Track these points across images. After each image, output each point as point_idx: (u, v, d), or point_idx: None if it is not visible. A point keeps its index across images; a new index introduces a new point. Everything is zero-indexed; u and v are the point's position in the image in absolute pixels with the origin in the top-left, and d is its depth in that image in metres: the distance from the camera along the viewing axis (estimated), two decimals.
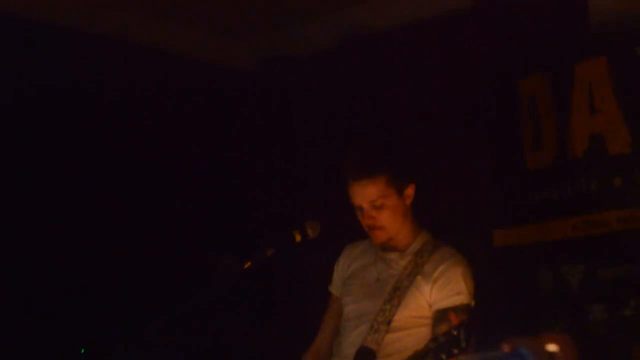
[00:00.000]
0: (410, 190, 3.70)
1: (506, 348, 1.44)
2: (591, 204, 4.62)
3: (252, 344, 5.24)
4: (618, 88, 4.57)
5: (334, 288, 3.96)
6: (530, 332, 4.68)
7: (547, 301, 4.79)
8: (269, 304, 5.42)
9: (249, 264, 3.40)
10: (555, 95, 4.81)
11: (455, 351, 2.64)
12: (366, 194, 3.61)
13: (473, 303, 3.58)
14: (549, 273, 4.79)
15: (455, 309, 3.53)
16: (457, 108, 5.17)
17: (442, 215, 5.04)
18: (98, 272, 5.24)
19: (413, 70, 5.41)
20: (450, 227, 4.93)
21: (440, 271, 3.62)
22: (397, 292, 3.64)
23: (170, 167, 5.58)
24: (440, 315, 3.56)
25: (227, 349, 5.27)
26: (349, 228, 3.81)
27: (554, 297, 4.77)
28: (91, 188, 5.32)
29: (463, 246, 4.82)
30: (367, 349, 3.61)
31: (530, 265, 4.87)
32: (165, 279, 5.15)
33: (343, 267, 3.93)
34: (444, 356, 2.74)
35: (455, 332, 2.98)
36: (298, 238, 3.57)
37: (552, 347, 1.44)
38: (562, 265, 4.73)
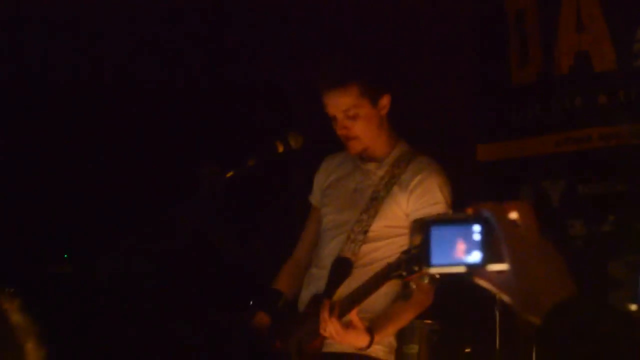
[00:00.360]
0: (385, 101, 3.66)
1: (470, 211, 1.47)
2: (574, 121, 4.64)
3: (236, 254, 5.29)
4: (606, 6, 4.54)
5: (314, 198, 3.97)
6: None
7: None
8: (252, 213, 5.46)
9: (231, 173, 3.41)
10: (542, 11, 4.79)
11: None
12: (339, 103, 3.59)
13: (451, 212, 3.60)
14: (531, 187, 4.83)
15: None
16: (444, 22, 5.15)
17: (426, 128, 5.06)
18: (85, 182, 5.27)
19: None
20: (435, 140, 4.97)
21: (417, 181, 3.62)
22: (374, 202, 3.65)
23: (152, 81, 5.55)
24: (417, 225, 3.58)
25: (211, 258, 5.33)
26: (334, 139, 3.82)
27: (535, 211, 4.81)
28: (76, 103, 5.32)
29: (447, 159, 4.86)
30: (344, 259, 3.64)
31: (513, 180, 4.91)
32: (151, 188, 5.17)
33: (322, 178, 3.94)
34: (416, 268, 2.77)
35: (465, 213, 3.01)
36: (280, 148, 3.57)
37: (513, 215, 1.47)
38: (543, 180, 4.77)
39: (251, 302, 3.94)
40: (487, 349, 3.91)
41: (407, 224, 3.61)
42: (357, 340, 3.45)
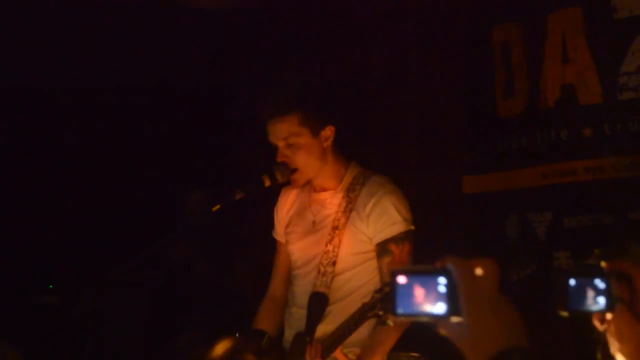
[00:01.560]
0: (327, 132, 3.64)
1: (438, 264, 1.53)
2: (560, 153, 4.65)
3: (217, 287, 5.28)
4: (591, 38, 4.57)
5: (277, 234, 3.96)
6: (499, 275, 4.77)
7: (514, 247, 4.84)
8: (234, 247, 5.45)
9: (217, 206, 3.40)
10: (528, 44, 4.81)
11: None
12: (278, 131, 3.58)
13: (412, 227, 3.60)
14: (517, 220, 4.83)
15: (394, 239, 3.56)
16: (430, 54, 5.17)
17: (412, 160, 5.07)
18: (72, 212, 5.26)
19: (387, 14, 5.39)
20: (421, 172, 4.98)
21: (372, 205, 3.60)
22: (336, 231, 3.64)
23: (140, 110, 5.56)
24: (381, 248, 3.58)
25: (193, 290, 5.31)
26: None
27: (521, 243, 4.82)
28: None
29: (433, 191, 4.88)
30: (318, 294, 3.63)
31: (499, 212, 4.91)
32: (137, 219, 5.16)
33: (282, 214, 3.93)
34: (390, 306, 2.76)
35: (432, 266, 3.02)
36: (267, 183, 3.56)
37: (478, 271, 1.53)
38: (529, 213, 4.78)
39: (237, 335, 3.92)
40: None
41: (373, 247, 3.60)
42: None
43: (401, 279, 1.56)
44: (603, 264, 1.58)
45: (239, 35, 5.84)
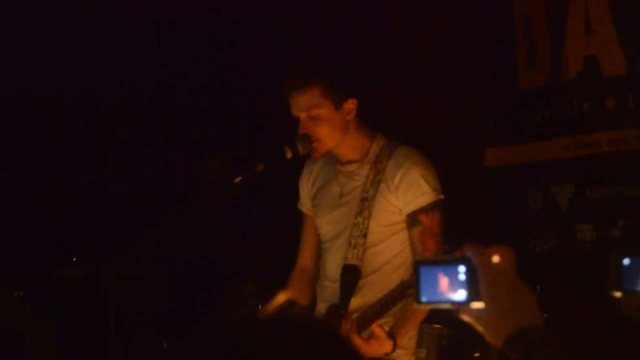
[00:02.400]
0: (350, 105, 3.62)
1: (457, 253, 1.64)
2: (583, 125, 4.63)
3: (242, 258, 5.29)
4: (615, 8, 4.53)
5: (303, 206, 3.96)
6: (520, 250, 4.77)
7: (537, 220, 4.84)
8: (261, 218, 5.46)
9: (239, 178, 3.40)
10: (550, 15, 4.78)
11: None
12: (300, 103, 3.56)
13: (442, 196, 3.60)
14: (539, 193, 4.82)
15: (423, 210, 3.55)
16: (452, 28, 5.14)
17: (434, 133, 5.06)
18: (93, 187, 5.28)
19: None
20: (443, 146, 4.97)
21: (400, 176, 3.59)
22: (366, 203, 3.63)
23: (163, 80, 5.56)
24: (412, 219, 3.58)
25: (218, 262, 5.33)
26: None
27: (544, 216, 4.81)
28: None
29: (455, 164, 4.87)
30: (351, 266, 3.63)
31: (521, 185, 4.91)
32: (159, 193, 5.17)
33: (307, 185, 3.93)
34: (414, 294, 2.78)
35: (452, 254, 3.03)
36: (289, 155, 3.56)
37: (495, 258, 1.66)
38: (552, 185, 4.76)
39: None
40: (495, 354, 3.90)
41: (403, 218, 3.60)
42: (380, 349, 3.45)
43: (424, 269, 1.67)
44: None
45: (261, 10, 5.83)
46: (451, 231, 3.61)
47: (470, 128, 5.05)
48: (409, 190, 3.58)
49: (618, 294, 1.67)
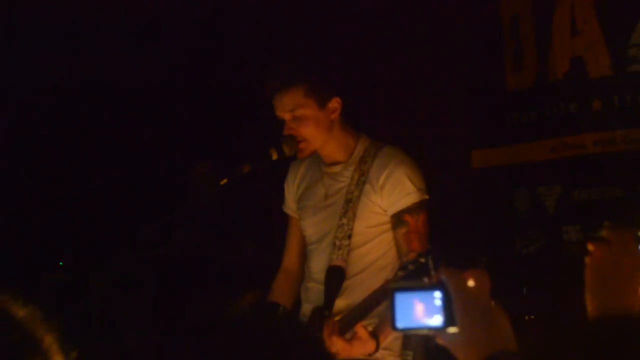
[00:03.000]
0: (334, 104, 3.63)
1: (434, 277, 1.64)
2: (569, 126, 4.64)
3: (227, 260, 5.28)
4: (601, 10, 4.54)
5: (288, 208, 3.95)
6: (506, 252, 4.77)
7: (524, 222, 4.84)
8: (245, 219, 5.45)
9: (225, 180, 3.40)
10: (536, 16, 4.79)
11: (425, 279, 2.67)
12: (284, 104, 3.56)
13: (427, 197, 3.59)
14: (526, 194, 4.82)
15: (409, 210, 3.55)
16: (439, 28, 5.14)
17: (421, 134, 5.06)
18: (81, 189, 5.26)
19: None
20: (430, 147, 4.96)
21: (385, 176, 3.58)
22: (350, 204, 3.63)
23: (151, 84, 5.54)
24: (397, 220, 3.57)
25: (203, 264, 5.31)
26: None
27: (530, 217, 4.82)
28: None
29: (442, 166, 4.87)
30: (335, 268, 3.62)
31: (508, 186, 4.91)
32: (146, 195, 5.16)
33: (292, 187, 3.92)
34: (389, 320, 2.79)
35: (422, 260, 3.05)
36: (275, 156, 3.55)
37: (471, 282, 1.66)
38: (538, 186, 4.77)
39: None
40: None
41: (388, 219, 3.60)
42: (363, 349, 3.45)
43: (399, 295, 1.66)
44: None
45: (246, 7, 5.82)
46: (438, 232, 3.61)
47: (457, 129, 5.06)
48: (394, 190, 3.57)
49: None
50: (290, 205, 3.94)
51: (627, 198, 4.39)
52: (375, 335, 3.44)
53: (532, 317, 4.12)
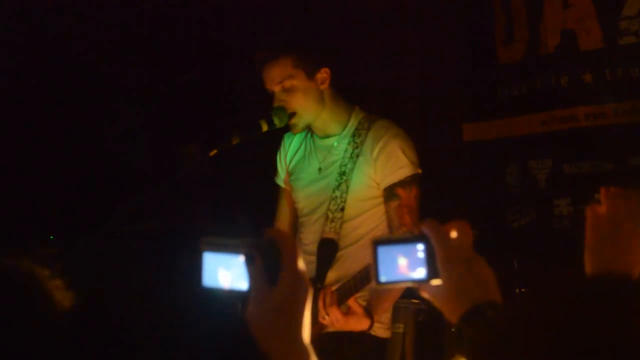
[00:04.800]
0: (323, 75, 3.62)
1: (416, 230, 1.66)
2: (560, 100, 4.63)
3: (220, 231, 5.26)
4: None
5: (280, 180, 3.95)
6: (497, 225, 4.76)
7: (514, 195, 4.84)
8: (238, 192, 5.44)
9: (214, 151, 3.39)
10: None
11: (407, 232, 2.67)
12: (273, 76, 3.57)
13: (419, 171, 3.59)
14: (517, 167, 4.82)
15: (401, 183, 3.55)
16: (430, 1, 5.12)
17: (412, 108, 5.04)
18: (68, 164, 5.24)
19: None
20: (421, 121, 4.95)
21: (379, 149, 3.58)
22: (344, 177, 3.63)
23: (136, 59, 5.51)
24: (389, 192, 3.57)
25: (194, 236, 5.30)
26: None
27: (521, 191, 4.81)
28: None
29: (433, 139, 4.85)
30: (328, 241, 3.63)
31: (499, 160, 4.90)
32: (135, 169, 5.14)
33: (284, 160, 3.92)
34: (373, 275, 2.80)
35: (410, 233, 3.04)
36: (265, 127, 3.54)
37: (453, 234, 1.65)
38: (529, 160, 4.76)
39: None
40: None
41: (381, 193, 3.59)
42: (358, 324, 3.45)
43: (382, 249, 1.65)
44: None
45: None
46: (429, 206, 3.60)
47: (448, 103, 5.04)
48: (387, 163, 3.57)
49: None
50: (282, 177, 3.93)
51: (618, 171, 4.38)
52: (369, 312, 3.44)
53: (523, 290, 4.13)
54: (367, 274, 3.34)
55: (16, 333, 1.42)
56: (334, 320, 3.40)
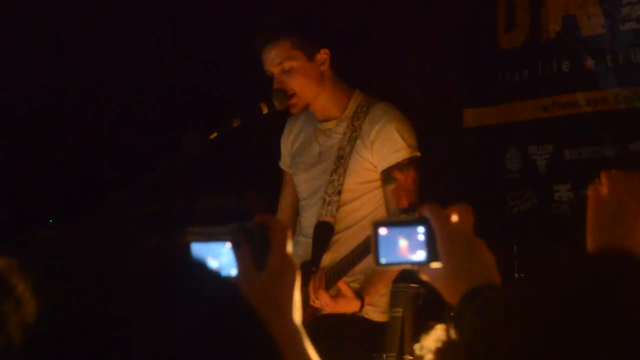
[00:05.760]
0: (322, 56, 3.63)
1: (417, 212, 1.68)
2: (561, 85, 4.62)
3: (224, 217, 5.26)
4: None
5: (284, 164, 3.95)
6: (497, 210, 4.76)
7: (515, 181, 4.83)
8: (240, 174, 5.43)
9: (215, 134, 3.39)
10: None
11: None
12: (272, 57, 3.57)
13: (418, 154, 3.59)
14: (517, 153, 4.82)
15: (398, 166, 3.55)
16: None
17: (412, 93, 5.04)
18: (65, 144, 5.24)
19: None
20: (421, 106, 4.95)
21: (376, 132, 3.58)
22: (341, 160, 3.63)
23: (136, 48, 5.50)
24: (386, 175, 3.57)
25: (195, 218, 5.29)
26: None
27: (522, 176, 4.81)
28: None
29: (433, 125, 4.85)
30: (323, 223, 3.63)
31: (499, 145, 4.90)
32: (134, 153, 5.14)
33: (288, 143, 3.92)
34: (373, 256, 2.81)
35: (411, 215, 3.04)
36: (265, 110, 3.54)
37: (454, 217, 1.67)
38: (530, 145, 4.76)
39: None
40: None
41: (378, 176, 3.59)
42: (348, 307, 3.46)
43: (382, 231, 1.66)
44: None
45: None
46: (430, 191, 3.60)
47: (449, 88, 5.04)
48: (384, 145, 3.57)
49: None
50: (285, 161, 3.94)
51: (619, 157, 4.38)
52: (360, 294, 3.45)
53: (523, 275, 4.13)
54: (359, 254, 3.34)
55: None
56: (323, 303, 3.41)
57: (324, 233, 3.62)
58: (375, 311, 3.63)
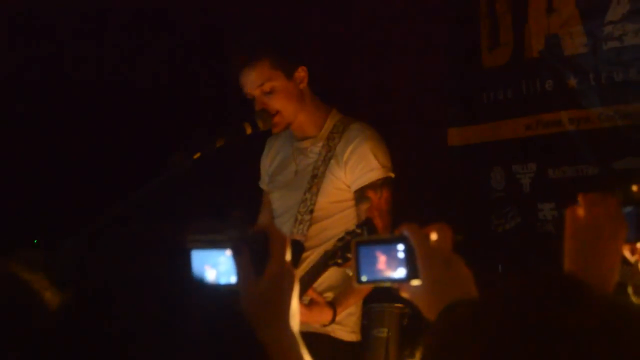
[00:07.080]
0: (301, 73, 3.64)
1: (397, 231, 1.72)
2: (545, 104, 4.64)
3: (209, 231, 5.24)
4: None
5: (263, 183, 3.96)
6: (482, 229, 4.77)
7: (499, 199, 4.84)
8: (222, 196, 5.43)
9: (198, 154, 3.39)
10: None
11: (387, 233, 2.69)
12: (253, 80, 3.58)
13: (392, 174, 3.60)
14: (501, 172, 4.83)
15: (372, 186, 3.56)
16: (415, 5, 5.13)
17: (397, 112, 5.05)
18: (51, 165, 5.23)
19: None
20: (406, 125, 4.96)
21: (350, 152, 3.60)
22: (315, 180, 3.64)
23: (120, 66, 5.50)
24: (359, 195, 3.59)
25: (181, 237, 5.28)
26: None
27: (506, 195, 4.82)
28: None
29: (418, 144, 4.86)
30: (294, 242, 3.63)
31: (483, 164, 4.91)
32: (119, 173, 5.13)
33: (267, 162, 3.94)
34: (348, 255, 2.83)
35: (359, 230, 3.07)
36: (249, 130, 3.55)
37: (433, 236, 1.71)
38: (514, 164, 4.77)
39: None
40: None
41: (352, 196, 3.61)
42: (320, 316, 3.46)
43: (362, 249, 1.69)
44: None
45: None
46: (413, 210, 3.60)
47: (433, 107, 5.05)
48: (358, 165, 3.59)
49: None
50: (264, 180, 3.95)
51: (602, 176, 4.39)
52: (332, 304, 3.46)
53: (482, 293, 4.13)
54: (326, 260, 3.34)
55: (6, 337, 1.42)
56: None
57: (294, 251, 3.63)
58: (343, 330, 3.63)
